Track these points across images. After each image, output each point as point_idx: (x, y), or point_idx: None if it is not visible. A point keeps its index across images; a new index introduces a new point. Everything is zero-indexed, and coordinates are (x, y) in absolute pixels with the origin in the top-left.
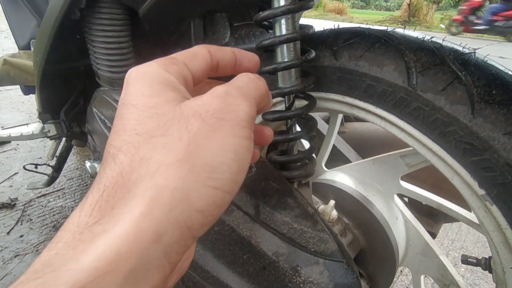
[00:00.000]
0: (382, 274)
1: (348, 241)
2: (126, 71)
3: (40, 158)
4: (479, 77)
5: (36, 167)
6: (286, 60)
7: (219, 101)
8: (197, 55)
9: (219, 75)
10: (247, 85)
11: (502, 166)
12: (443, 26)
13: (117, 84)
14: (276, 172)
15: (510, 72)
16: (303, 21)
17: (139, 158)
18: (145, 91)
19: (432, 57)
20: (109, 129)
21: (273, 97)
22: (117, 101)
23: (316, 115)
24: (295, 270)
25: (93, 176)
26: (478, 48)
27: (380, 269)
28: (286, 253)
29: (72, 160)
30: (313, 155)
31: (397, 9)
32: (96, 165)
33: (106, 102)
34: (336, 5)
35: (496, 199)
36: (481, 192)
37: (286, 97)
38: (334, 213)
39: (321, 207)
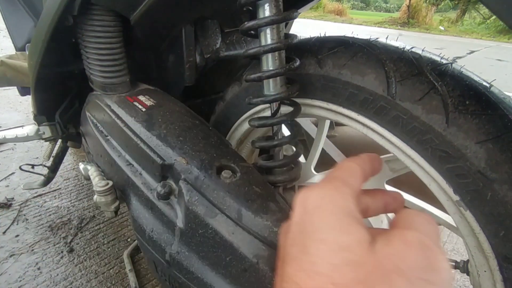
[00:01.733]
0: None
1: None
2: (118, 77)
3: (37, 158)
4: (454, 87)
5: (32, 168)
6: (271, 68)
7: (418, 255)
8: (356, 173)
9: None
10: (432, 231)
11: (474, 173)
12: (442, 28)
13: (110, 89)
14: (260, 177)
15: (484, 83)
16: (303, 22)
17: None
18: (334, 224)
19: (410, 67)
20: (101, 133)
21: (259, 104)
22: (109, 106)
23: (306, 120)
24: (275, 272)
25: (86, 178)
26: (477, 51)
27: None
28: (266, 255)
29: (68, 160)
30: (299, 160)
31: (396, 11)
32: (89, 167)
33: (98, 107)
34: (336, 6)
35: (469, 205)
36: (456, 198)
37: (271, 104)
38: None
39: None
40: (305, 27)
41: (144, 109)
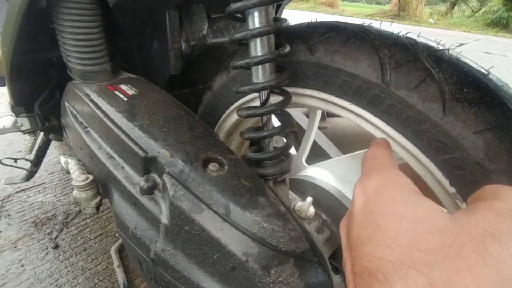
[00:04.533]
0: None
1: (325, 237)
2: (98, 64)
3: (20, 152)
4: (451, 74)
5: (15, 162)
6: (259, 54)
7: (510, 222)
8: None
9: None
10: None
11: (472, 164)
12: (432, 20)
13: (89, 77)
14: (249, 170)
15: (482, 70)
16: (293, 13)
17: (439, 279)
18: (406, 201)
19: (406, 53)
20: (80, 124)
21: (246, 92)
22: (88, 96)
23: (298, 110)
24: (265, 270)
25: (68, 172)
26: (465, 44)
27: None
28: (256, 253)
29: (53, 153)
30: (290, 152)
31: (387, 3)
32: (69, 160)
33: (77, 96)
34: None
35: (466, 198)
36: (452, 190)
37: (260, 92)
38: (311, 210)
39: (299, 204)
40: (295, 18)
41: (125, 99)
